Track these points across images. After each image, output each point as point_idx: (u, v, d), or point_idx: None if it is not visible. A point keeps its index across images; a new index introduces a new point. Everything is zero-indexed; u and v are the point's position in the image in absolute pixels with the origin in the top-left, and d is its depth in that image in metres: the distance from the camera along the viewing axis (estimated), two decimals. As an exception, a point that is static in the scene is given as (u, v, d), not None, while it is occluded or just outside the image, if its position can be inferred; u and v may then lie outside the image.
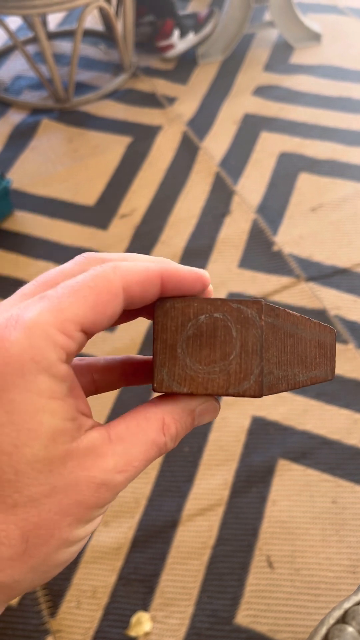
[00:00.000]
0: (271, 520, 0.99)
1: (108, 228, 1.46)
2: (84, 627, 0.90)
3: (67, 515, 0.20)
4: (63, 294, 0.20)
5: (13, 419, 0.19)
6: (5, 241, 1.45)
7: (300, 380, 0.24)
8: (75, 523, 0.20)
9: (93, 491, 0.20)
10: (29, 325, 0.19)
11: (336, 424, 1.09)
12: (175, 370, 0.22)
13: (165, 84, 1.86)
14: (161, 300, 0.23)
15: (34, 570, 0.20)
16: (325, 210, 1.45)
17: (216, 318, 0.23)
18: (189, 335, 0.23)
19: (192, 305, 0.23)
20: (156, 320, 0.23)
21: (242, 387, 0.22)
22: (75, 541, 0.21)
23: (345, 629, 0.30)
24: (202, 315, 0.23)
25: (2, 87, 1.89)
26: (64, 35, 2.08)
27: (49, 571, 0.21)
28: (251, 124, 1.70)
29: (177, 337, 0.23)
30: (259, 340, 0.22)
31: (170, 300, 0.23)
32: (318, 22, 2.02)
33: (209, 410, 0.24)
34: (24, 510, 0.19)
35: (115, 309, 0.21)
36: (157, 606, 0.92)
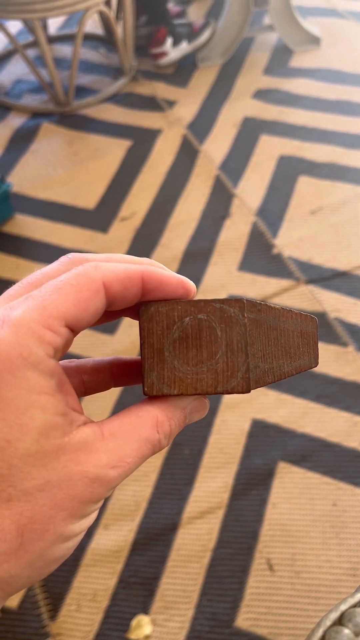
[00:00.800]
0: (271, 523, 0.99)
1: (108, 231, 1.47)
2: (84, 630, 0.90)
3: (62, 510, 0.20)
4: (46, 292, 0.21)
5: (4, 415, 0.19)
6: (5, 244, 1.45)
7: (286, 371, 0.25)
8: (69, 518, 0.20)
9: (87, 486, 0.20)
10: (15, 323, 0.20)
11: (336, 426, 1.09)
12: (164, 373, 0.23)
13: (165, 87, 1.87)
14: (145, 305, 0.23)
15: (30, 566, 0.20)
16: (325, 213, 1.46)
17: (200, 319, 0.23)
18: (175, 338, 0.23)
19: (176, 308, 0.23)
20: (142, 326, 0.23)
21: (230, 384, 0.23)
22: (70, 536, 0.21)
23: (341, 630, 0.30)
24: (187, 318, 0.23)
25: (3, 90, 1.89)
26: (64, 39, 2.09)
27: (45, 567, 0.21)
28: (251, 127, 1.70)
29: (163, 340, 0.23)
30: (243, 337, 0.23)
31: (154, 305, 0.23)
32: (317, 26, 2.03)
33: (199, 408, 0.25)
34: (19, 504, 0.19)
35: (97, 305, 0.21)
36: (157, 609, 0.92)
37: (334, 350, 1.19)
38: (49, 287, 0.21)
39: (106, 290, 0.22)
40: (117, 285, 0.22)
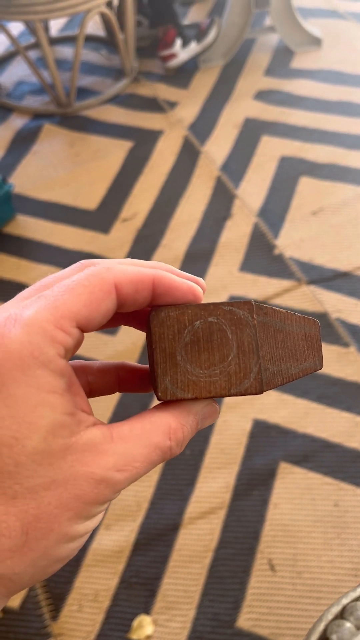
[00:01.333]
0: (273, 524, 0.99)
1: (109, 232, 1.47)
2: (86, 630, 0.90)
3: (67, 510, 0.20)
4: (59, 292, 0.21)
5: (13, 412, 0.19)
6: (7, 245, 1.45)
7: (293, 373, 0.25)
8: (75, 518, 0.20)
9: (92, 487, 0.20)
10: (27, 322, 0.20)
11: (338, 427, 1.09)
12: (178, 377, 0.23)
13: (167, 88, 1.87)
14: (156, 310, 0.24)
15: (34, 564, 0.20)
16: (326, 213, 1.46)
17: (211, 322, 0.23)
18: (187, 342, 0.23)
19: (186, 312, 0.23)
20: (153, 330, 0.23)
21: (243, 386, 0.23)
22: (75, 537, 0.21)
23: (343, 624, 0.31)
24: (197, 321, 0.23)
25: (5, 92, 1.90)
26: (66, 40, 2.09)
27: (49, 566, 0.21)
28: (252, 128, 1.71)
29: (175, 344, 0.23)
30: (254, 339, 0.23)
31: (165, 309, 0.23)
32: (318, 27, 2.03)
33: (211, 413, 0.25)
34: (24, 502, 0.20)
35: (108, 306, 0.22)
36: (159, 609, 0.92)
37: (336, 350, 1.19)
38: (61, 287, 0.21)
39: (117, 292, 0.22)
40: (128, 287, 0.22)
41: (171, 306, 0.24)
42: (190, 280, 0.25)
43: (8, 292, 1.34)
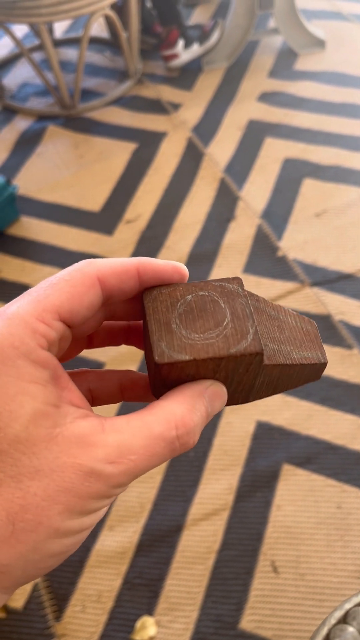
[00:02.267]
0: (276, 525, 0.99)
1: (113, 233, 1.47)
2: (89, 631, 0.91)
3: (56, 503, 0.20)
4: (41, 288, 0.22)
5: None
6: (11, 247, 1.46)
7: (295, 357, 0.25)
8: (66, 512, 0.20)
9: (81, 479, 0.20)
10: (10, 316, 0.21)
11: (341, 429, 1.09)
12: (174, 342, 0.23)
13: (170, 90, 1.87)
14: (148, 290, 0.24)
15: (24, 558, 0.20)
16: (330, 215, 1.46)
17: (202, 295, 0.24)
18: (181, 313, 0.23)
19: (177, 289, 0.24)
20: (146, 306, 0.24)
21: (242, 345, 0.23)
22: (67, 532, 0.20)
23: (346, 629, 0.31)
24: (189, 295, 0.24)
25: (9, 94, 1.91)
26: (70, 42, 2.10)
27: (42, 561, 0.20)
28: (256, 130, 1.71)
29: (169, 315, 0.23)
30: (247, 306, 0.23)
31: (157, 288, 0.24)
32: (322, 29, 2.03)
33: (218, 393, 0.24)
34: (8, 490, 0.19)
35: (91, 299, 0.22)
36: (162, 611, 0.92)
37: (339, 352, 1.19)
38: (44, 283, 0.22)
39: (102, 284, 0.22)
40: (112, 278, 0.23)
41: (162, 285, 0.24)
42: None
43: (12, 294, 1.34)
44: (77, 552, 0.98)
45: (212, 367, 0.23)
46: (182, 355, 0.22)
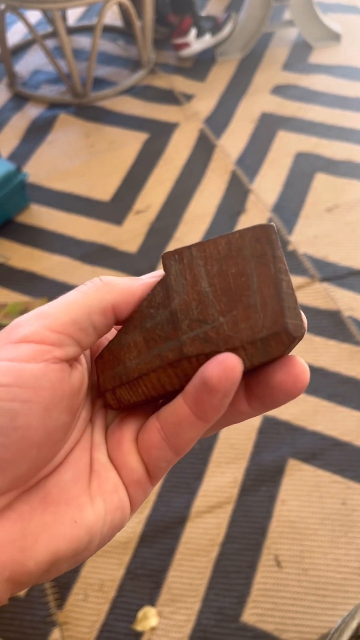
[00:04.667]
0: (280, 520, 0.99)
1: (123, 223, 1.47)
2: (91, 619, 0.91)
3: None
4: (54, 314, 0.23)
5: None
6: (20, 234, 1.45)
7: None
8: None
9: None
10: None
11: (347, 425, 1.08)
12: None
13: (183, 81, 1.86)
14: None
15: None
16: (341, 211, 1.45)
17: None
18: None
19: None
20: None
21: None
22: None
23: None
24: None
25: (21, 81, 1.90)
26: (83, 30, 2.08)
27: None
28: (268, 123, 1.69)
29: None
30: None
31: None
32: (338, 22, 2.01)
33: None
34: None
35: (108, 327, 0.23)
36: (164, 602, 0.92)
37: (347, 349, 1.18)
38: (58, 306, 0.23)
39: (114, 311, 0.23)
40: (124, 307, 0.23)
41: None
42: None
43: (20, 282, 1.34)
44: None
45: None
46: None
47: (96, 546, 0.22)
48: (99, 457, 0.23)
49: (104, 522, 0.22)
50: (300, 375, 0.22)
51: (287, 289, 0.22)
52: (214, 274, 0.22)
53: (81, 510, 0.22)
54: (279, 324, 0.21)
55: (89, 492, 0.22)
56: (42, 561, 0.20)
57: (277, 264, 0.22)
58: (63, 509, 0.21)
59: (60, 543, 0.21)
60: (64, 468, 0.22)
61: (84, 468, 0.23)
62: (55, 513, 0.21)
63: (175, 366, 0.22)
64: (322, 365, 1.16)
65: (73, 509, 0.21)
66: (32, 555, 0.20)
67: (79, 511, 0.22)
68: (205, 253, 0.23)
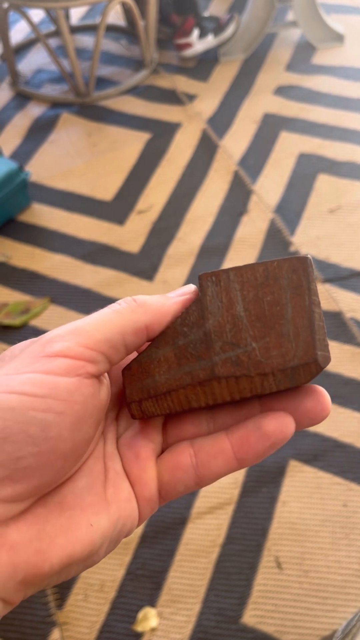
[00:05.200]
0: (281, 521, 0.98)
1: (125, 223, 1.46)
2: (91, 620, 0.91)
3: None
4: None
5: None
6: (22, 233, 1.45)
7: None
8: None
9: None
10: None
11: (349, 427, 1.08)
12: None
13: (186, 81, 1.86)
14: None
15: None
16: (344, 212, 1.44)
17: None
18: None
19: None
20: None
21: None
22: None
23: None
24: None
25: (23, 80, 1.89)
26: (86, 29, 2.08)
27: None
28: (271, 123, 1.69)
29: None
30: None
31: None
32: (341, 23, 2.01)
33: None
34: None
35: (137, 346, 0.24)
36: (164, 602, 0.92)
37: (349, 350, 1.18)
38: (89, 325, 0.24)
39: (147, 331, 0.24)
40: (157, 327, 0.24)
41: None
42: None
43: (22, 281, 1.34)
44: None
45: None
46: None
47: (104, 552, 0.23)
48: (114, 466, 0.24)
49: (115, 528, 0.23)
50: (327, 404, 0.24)
51: (319, 321, 0.23)
52: (250, 300, 0.23)
53: (97, 515, 0.22)
54: (310, 354, 0.22)
55: (105, 498, 0.23)
56: (57, 563, 0.21)
57: (312, 297, 0.23)
58: (79, 513, 0.22)
59: (76, 546, 0.21)
60: (79, 476, 0.23)
61: (98, 476, 0.23)
62: (71, 517, 0.22)
63: (205, 385, 0.23)
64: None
65: (89, 514, 0.22)
66: (48, 557, 0.21)
67: (95, 515, 0.22)
68: (242, 278, 0.23)
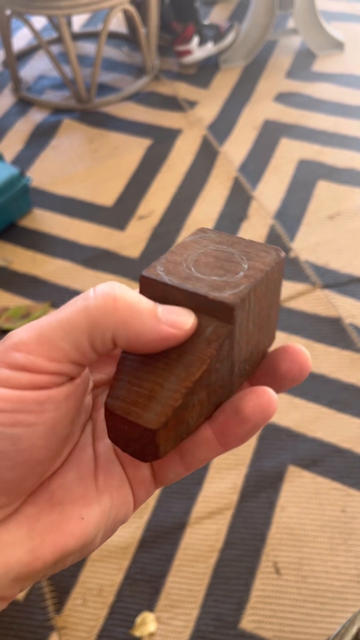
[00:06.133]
0: (279, 527, 0.98)
1: (126, 229, 1.47)
2: (89, 625, 0.91)
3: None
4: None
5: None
6: (23, 238, 1.46)
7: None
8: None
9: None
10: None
11: (348, 432, 1.08)
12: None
13: (187, 87, 1.87)
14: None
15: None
16: (343, 218, 1.45)
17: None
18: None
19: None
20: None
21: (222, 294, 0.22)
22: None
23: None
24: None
25: (25, 86, 1.91)
26: (88, 36, 2.10)
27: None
28: (271, 130, 1.70)
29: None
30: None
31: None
32: (341, 31, 2.02)
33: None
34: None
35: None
36: (163, 607, 0.92)
37: (348, 356, 1.18)
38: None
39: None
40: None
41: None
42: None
43: (23, 286, 1.34)
44: (79, 546, 0.98)
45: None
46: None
47: (100, 541, 0.22)
48: (104, 452, 0.23)
49: (109, 517, 0.22)
50: (303, 361, 0.22)
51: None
52: (256, 314, 0.22)
53: (88, 507, 0.22)
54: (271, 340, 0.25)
55: (96, 488, 0.22)
56: (50, 559, 0.21)
57: (280, 290, 0.24)
58: (69, 507, 0.21)
59: (69, 540, 0.21)
60: (67, 468, 0.22)
61: (88, 464, 0.22)
62: (62, 512, 0.21)
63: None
64: (323, 372, 1.17)
65: (80, 507, 0.21)
66: (40, 555, 0.20)
67: (86, 508, 0.21)
68: (257, 295, 0.22)
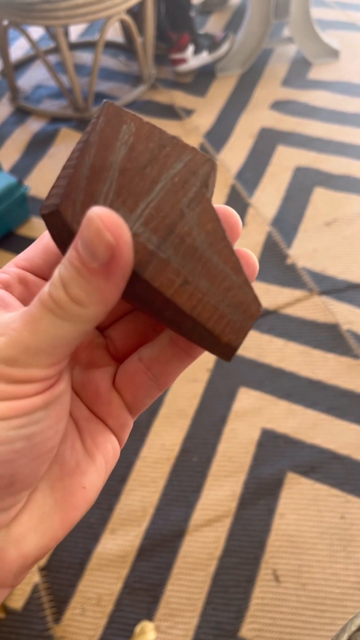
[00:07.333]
0: (278, 534, 0.98)
1: (123, 237, 1.47)
2: (88, 634, 0.90)
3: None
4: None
5: None
6: (21, 246, 1.46)
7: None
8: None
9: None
10: None
11: (346, 438, 1.08)
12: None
13: (184, 96, 1.88)
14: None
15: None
16: (340, 225, 1.46)
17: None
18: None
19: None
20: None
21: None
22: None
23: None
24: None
25: (23, 95, 1.92)
26: (85, 46, 2.11)
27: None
28: (268, 137, 1.71)
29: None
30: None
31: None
32: (336, 39, 2.04)
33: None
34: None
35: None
36: (162, 616, 0.91)
37: (346, 362, 1.19)
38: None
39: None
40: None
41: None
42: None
43: (20, 294, 1.35)
44: (77, 555, 0.97)
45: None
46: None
47: (97, 495, 0.23)
48: (81, 414, 0.23)
49: (105, 473, 0.23)
50: (249, 262, 0.23)
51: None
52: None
53: (86, 474, 0.22)
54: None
55: (86, 452, 0.22)
56: (62, 535, 0.21)
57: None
58: (69, 481, 0.22)
59: (76, 512, 0.21)
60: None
61: (72, 432, 0.22)
62: (64, 488, 0.21)
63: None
64: (321, 378, 1.17)
65: (79, 477, 0.22)
66: (54, 535, 0.21)
67: (84, 475, 0.22)
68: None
